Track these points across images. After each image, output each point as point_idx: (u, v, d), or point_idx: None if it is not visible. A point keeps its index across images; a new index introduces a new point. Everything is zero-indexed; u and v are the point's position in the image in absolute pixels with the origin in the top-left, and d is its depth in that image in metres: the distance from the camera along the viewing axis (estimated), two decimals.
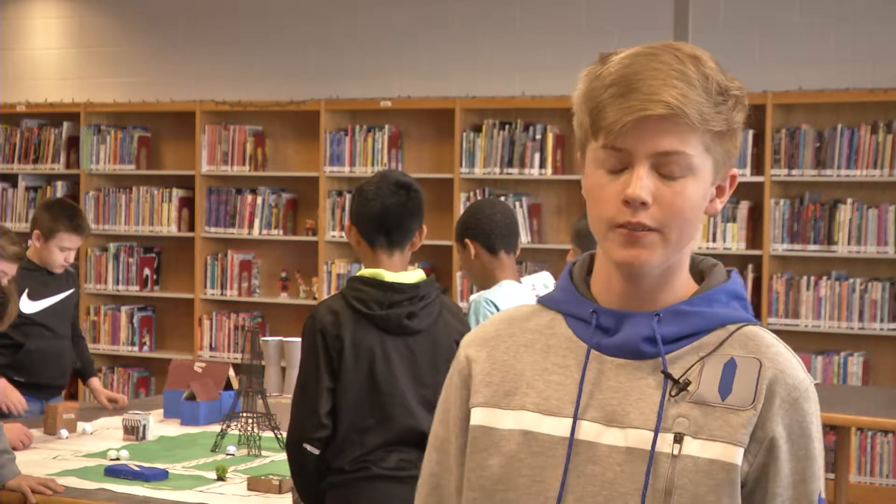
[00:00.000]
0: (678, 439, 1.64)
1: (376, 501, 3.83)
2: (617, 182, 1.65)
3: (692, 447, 1.64)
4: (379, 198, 3.78)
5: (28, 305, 5.51)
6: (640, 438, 1.65)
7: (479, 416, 1.74)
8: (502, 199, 8.08)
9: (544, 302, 1.79)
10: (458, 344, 4.04)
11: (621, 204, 1.64)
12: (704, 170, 1.66)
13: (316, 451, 3.84)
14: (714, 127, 1.65)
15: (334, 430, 3.81)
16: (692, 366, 1.67)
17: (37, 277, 5.54)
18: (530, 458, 1.69)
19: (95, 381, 5.85)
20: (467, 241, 4.60)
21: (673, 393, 1.66)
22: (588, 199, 1.69)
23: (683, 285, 1.72)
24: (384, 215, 3.77)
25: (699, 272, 1.76)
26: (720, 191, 1.71)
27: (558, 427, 1.69)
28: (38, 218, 5.61)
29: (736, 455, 1.63)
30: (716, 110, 1.65)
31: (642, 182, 1.62)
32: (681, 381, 1.66)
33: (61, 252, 5.54)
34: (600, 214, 1.66)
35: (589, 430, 1.67)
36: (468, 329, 4.02)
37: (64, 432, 5.13)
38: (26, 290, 5.50)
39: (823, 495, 1.69)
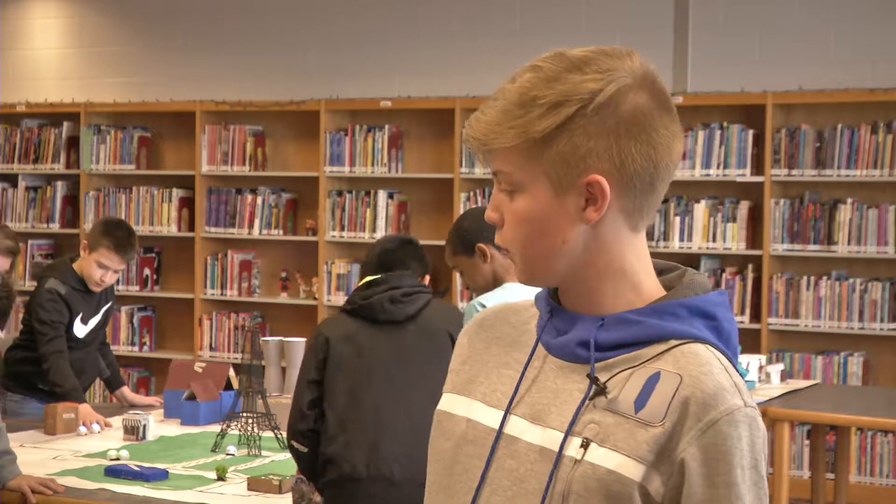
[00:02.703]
0: (584, 444, 1.62)
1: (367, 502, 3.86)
2: None
3: (596, 454, 1.61)
4: (379, 245, 4.12)
5: (80, 329, 5.50)
6: (552, 439, 1.65)
7: (443, 401, 1.79)
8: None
9: (536, 297, 1.82)
10: (450, 336, 4.15)
11: None
12: (534, 183, 1.65)
13: (304, 449, 3.91)
14: (531, 137, 1.64)
15: (326, 426, 3.88)
16: (617, 374, 1.65)
17: (86, 300, 5.50)
18: (467, 446, 1.72)
19: (126, 391, 5.85)
20: (481, 245, 4.49)
21: (591, 398, 1.65)
22: None
23: (632, 294, 1.69)
24: (383, 254, 4.05)
25: (670, 284, 1.73)
26: (591, 199, 1.64)
27: (493, 419, 1.71)
28: (91, 229, 5.59)
29: (636, 471, 1.60)
30: (524, 122, 1.65)
31: (492, 202, 1.69)
32: (599, 385, 1.64)
33: (99, 268, 5.42)
34: None
35: (515, 426, 1.69)
36: (460, 321, 4.05)
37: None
38: (80, 315, 5.48)
39: None
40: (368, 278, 4.01)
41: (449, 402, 1.78)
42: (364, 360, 3.92)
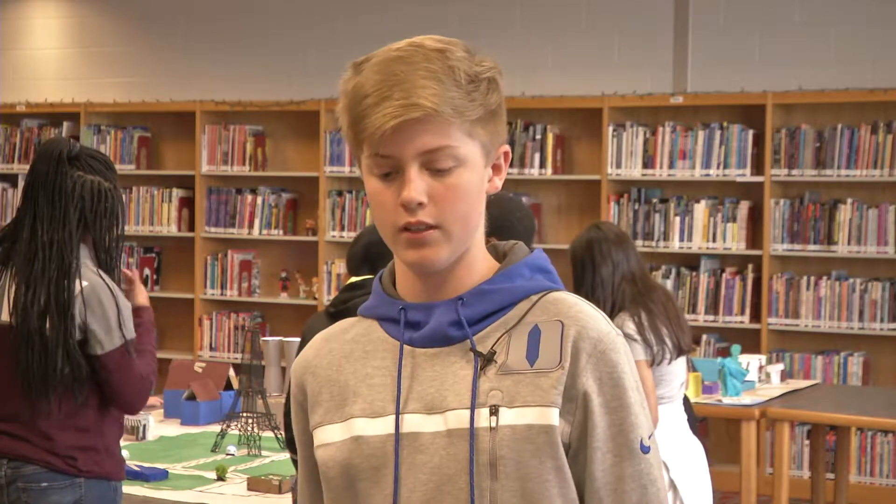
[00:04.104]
0: (494, 412, 1.67)
1: None
2: (392, 187, 1.69)
3: (508, 416, 1.67)
4: (364, 237, 4.00)
5: None
6: (458, 419, 1.68)
7: (319, 436, 1.78)
8: (522, 198, 8.07)
9: (361, 312, 1.82)
10: None
11: (400, 207, 1.68)
12: (473, 156, 1.70)
13: (295, 456, 3.92)
14: (470, 116, 1.68)
15: None
16: (498, 339, 1.71)
17: None
18: (364, 461, 1.72)
19: None
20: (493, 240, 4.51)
21: (482, 367, 1.69)
22: (371, 205, 1.74)
23: (482, 268, 1.76)
24: (368, 247, 3.94)
25: (503, 254, 1.79)
26: (496, 169, 1.75)
27: (384, 426, 1.72)
28: None
29: (551, 416, 1.67)
30: (468, 99, 1.68)
31: (414, 184, 1.66)
32: (486, 353, 1.69)
33: None
34: (384, 220, 1.71)
35: (412, 423, 1.71)
36: None
37: None
38: None
39: (647, 442, 1.71)
40: (353, 279, 3.99)
41: (325, 435, 1.76)
42: None
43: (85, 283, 3.57)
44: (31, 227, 3.61)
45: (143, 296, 3.89)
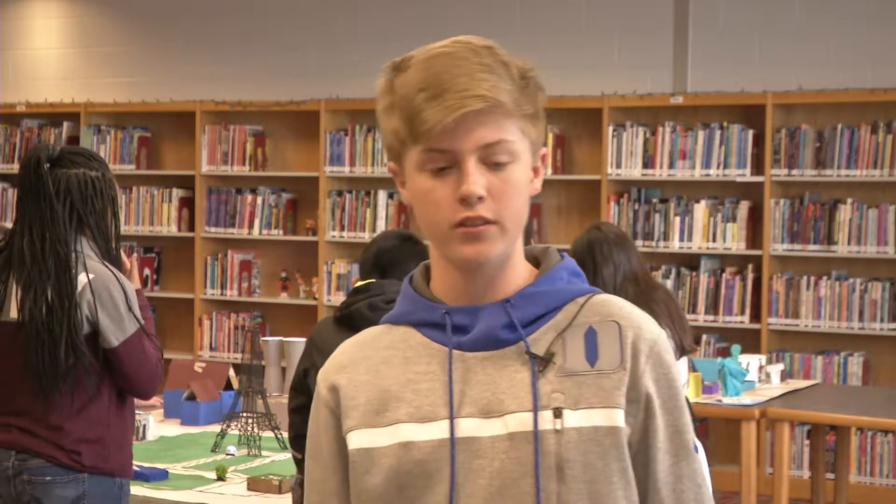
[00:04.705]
0: (557, 414, 1.66)
1: None
2: (446, 183, 1.66)
3: (573, 419, 1.66)
4: (376, 243, 4.06)
5: None
6: (519, 422, 1.67)
7: (355, 440, 1.73)
8: None
9: (391, 320, 1.79)
10: None
11: (457, 203, 1.65)
12: (524, 154, 1.69)
13: (298, 455, 3.93)
14: (526, 111, 1.68)
15: None
16: (552, 342, 1.70)
17: None
18: (415, 467, 1.69)
19: None
20: None
21: (540, 370, 1.68)
22: (418, 205, 1.70)
23: (524, 271, 1.75)
24: (379, 254, 4.00)
25: (533, 258, 1.79)
26: (536, 172, 1.74)
27: (436, 431, 1.69)
28: None
29: (616, 417, 1.67)
30: (522, 94, 1.68)
31: (475, 178, 1.65)
32: (544, 355, 1.69)
33: None
34: (436, 217, 1.67)
35: (467, 427, 1.68)
36: None
37: None
38: None
39: (696, 442, 1.74)
40: (359, 283, 4.00)
41: (364, 438, 1.73)
42: None
43: (92, 276, 3.60)
44: (22, 232, 3.66)
45: (137, 280, 3.91)
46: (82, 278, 3.60)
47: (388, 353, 1.76)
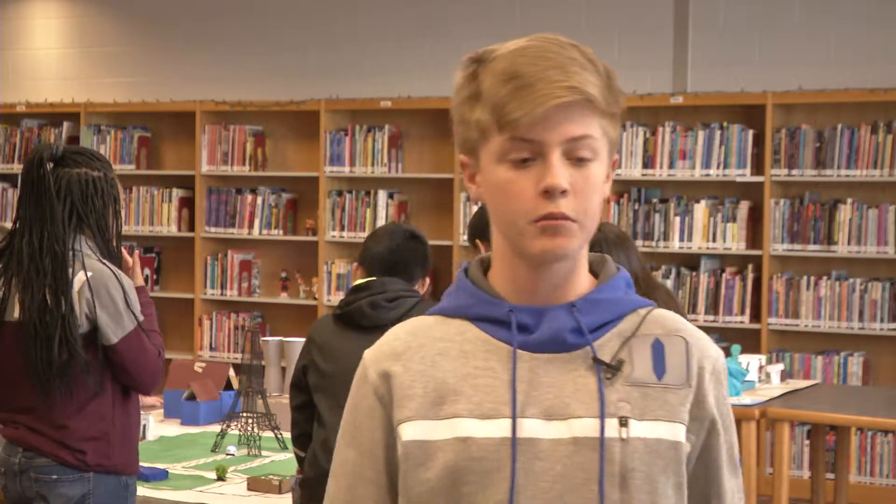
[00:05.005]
0: (623, 423, 1.65)
1: None
2: (527, 175, 1.64)
3: (639, 429, 1.66)
4: (381, 241, 4.01)
5: None
6: (584, 427, 1.65)
7: (410, 432, 1.69)
8: None
9: (444, 312, 1.75)
10: None
11: (539, 196, 1.63)
12: (603, 154, 1.68)
13: (301, 454, 3.93)
14: (612, 109, 1.67)
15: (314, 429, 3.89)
16: (619, 350, 1.69)
17: None
18: (474, 464, 1.66)
19: None
20: (478, 242, 4.55)
21: (608, 377, 1.67)
22: (493, 196, 1.67)
23: (585, 277, 1.74)
24: (388, 253, 3.98)
25: (589, 264, 1.78)
26: (607, 176, 1.72)
27: (497, 429, 1.66)
28: None
29: (679, 433, 1.67)
30: (609, 92, 1.66)
31: (559, 170, 1.62)
32: (613, 362, 1.67)
33: None
34: (515, 209, 1.64)
35: (530, 428, 1.66)
36: None
37: None
38: None
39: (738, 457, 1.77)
40: (359, 281, 4.00)
41: (420, 430, 1.69)
42: (345, 365, 3.91)
43: (90, 273, 3.62)
44: (22, 231, 3.69)
45: (139, 277, 3.93)
46: (80, 276, 3.62)
47: (443, 345, 1.72)
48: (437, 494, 1.67)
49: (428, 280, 4.11)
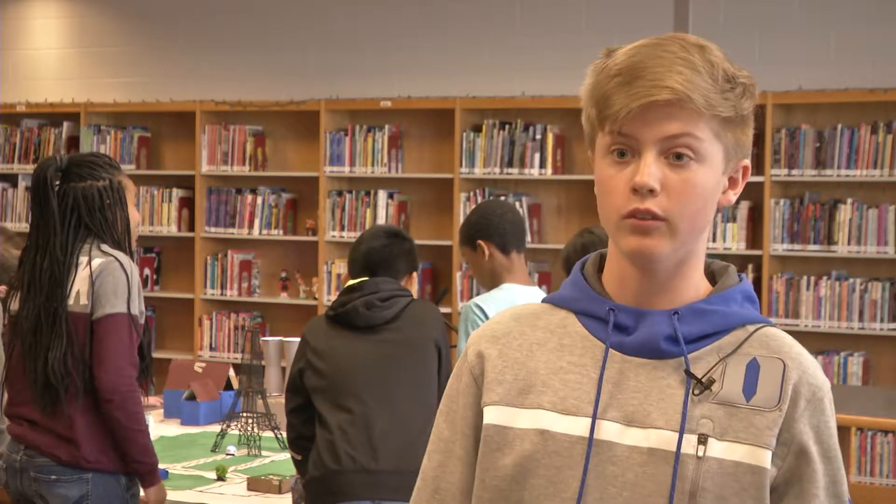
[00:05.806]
0: (702, 440, 1.62)
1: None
2: (624, 171, 1.64)
3: (716, 449, 1.62)
4: (364, 242, 4.06)
5: None
6: (662, 439, 1.63)
7: (492, 415, 1.70)
8: (502, 198, 8.08)
9: (554, 301, 1.75)
10: (434, 343, 4.13)
11: (630, 192, 1.62)
12: (715, 157, 1.65)
13: (297, 456, 3.93)
14: (721, 112, 1.63)
15: (317, 434, 3.89)
16: (714, 366, 1.65)
17: None
18: (547, 458, 1.65)
19: None
20: (480, 242, 4.53)
21: (696, 393, 1.63)
22: (599, 192, 1.67)
23: (699, 283, 1.70)
24: (369, 253, 4.02)
25: (710, 273, 1.74)
26: (733, 182, 1.69)
27: (576, 426, 1.65)
28: None
29: (763, 458, 1.62)
30: (722, 96, 1.63)
31: (650, 169, 1.61)
32: (704, 380, 1.63)
33: None
34: (611, 205, 1.64)
35: (608, 430, 1.64)
36: (441, 322, 4.05)
37: None
38: None
39: (848, 496, 1.69)
40: (351, 282, 4.01)
41: (502, 416, 1.69)
42: (342, 365, 3.91)
43: (99, 260, 3.71)
44: (30, 248, 3.79)
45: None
46: (84, 273, 3.68)
47: (544, 335, 1.72)
48: (509, 482, 1.67)
49: (415, 277, 4.10)
